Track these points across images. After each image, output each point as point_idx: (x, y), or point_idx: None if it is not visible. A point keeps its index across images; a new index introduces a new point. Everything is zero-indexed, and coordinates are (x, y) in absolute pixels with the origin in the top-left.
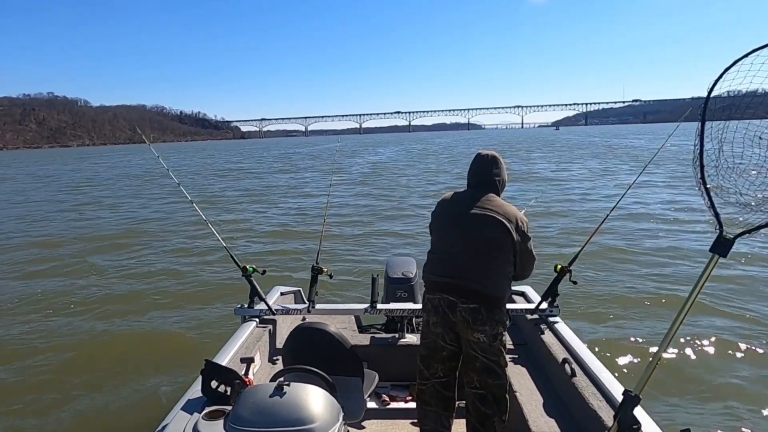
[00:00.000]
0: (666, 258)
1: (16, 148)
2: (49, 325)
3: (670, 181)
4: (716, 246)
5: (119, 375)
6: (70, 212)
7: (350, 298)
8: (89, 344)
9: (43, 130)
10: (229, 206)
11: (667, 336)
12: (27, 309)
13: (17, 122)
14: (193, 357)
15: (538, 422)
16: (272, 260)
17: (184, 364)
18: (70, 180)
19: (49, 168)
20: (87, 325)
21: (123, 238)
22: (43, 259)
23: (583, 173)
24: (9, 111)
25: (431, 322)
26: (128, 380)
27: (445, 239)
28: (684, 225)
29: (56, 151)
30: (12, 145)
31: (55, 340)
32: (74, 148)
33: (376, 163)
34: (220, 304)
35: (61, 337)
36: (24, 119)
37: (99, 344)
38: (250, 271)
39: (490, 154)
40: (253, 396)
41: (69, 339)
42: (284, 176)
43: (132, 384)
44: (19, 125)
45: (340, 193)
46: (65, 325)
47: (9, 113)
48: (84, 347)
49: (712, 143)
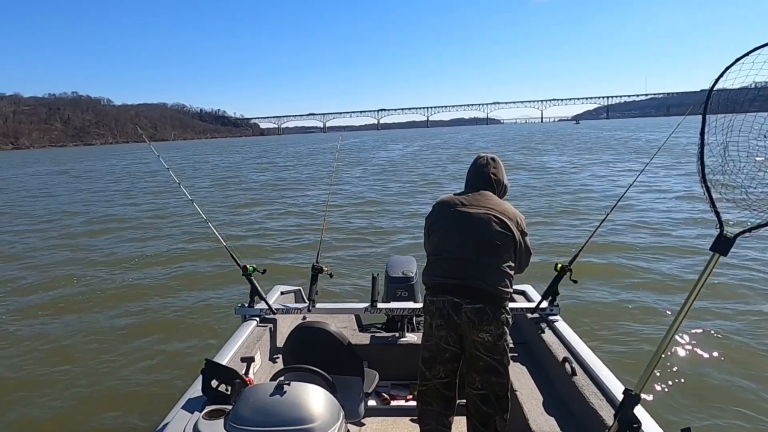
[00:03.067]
0: (668, 256)
1: (42, 147)
2: (48, 324)
3: (678, 177)
4: (717, 244)
5: (119, 374)
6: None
7: (350, 297)
8: (88, 342)
9: (68, 129)
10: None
11: (667, 335)
12: (27, 309)
13: (43, 121)
14: (194, 356)
15: (538, 421)
16: (272, 259)
17: (184, 364)
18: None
19: (89, 164)
20: (86, 323)
21: (123, 236)
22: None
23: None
24: (35, 111)
25: (434, 324)
26: (128, 379)
27: (446, 240)
28: (687, 222)
29: (81, 149)
30: (38, 144)
31: (53, 338)
32: (98, 146)
33: (389, 160)
34: (221, 304)
35: (60, 335)
36: (49, 118)
37: (98, 343)
38: (251, 271)
39: (489, 155)
40: (253, 395)
41: (67, 337)
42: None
43: (132, 383)
44: (44, 124)
45: (340, 193)
46: (64, 322)
47: (35, 113)
48: (83, 345)
49: (717, 140)
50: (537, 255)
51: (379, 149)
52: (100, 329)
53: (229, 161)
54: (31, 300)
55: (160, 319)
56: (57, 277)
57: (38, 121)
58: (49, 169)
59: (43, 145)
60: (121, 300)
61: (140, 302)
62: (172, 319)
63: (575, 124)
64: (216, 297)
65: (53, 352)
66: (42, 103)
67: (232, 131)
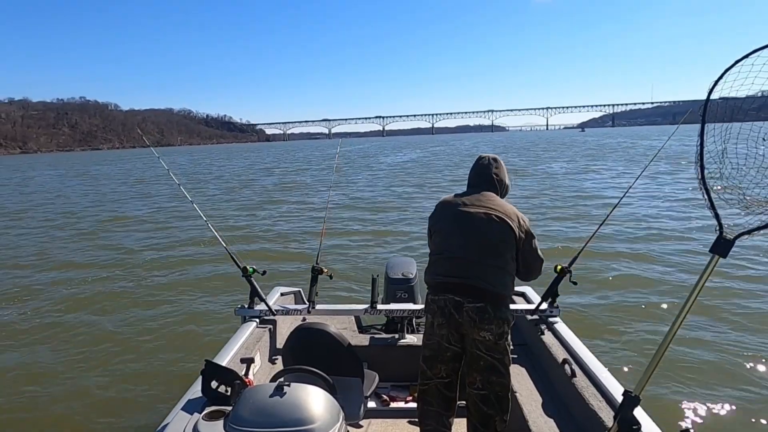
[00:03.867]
0: (667, 258)
1: (50, 151)
2: (48, 323)
3: (677, 180)
4: (716, 246)
5: (119, 374)
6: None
7: (350, 298)
8: (88, 343)
9: (76, 134)
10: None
11: (667, 336)
12: (24, 305)
13: (51, 126)
14: (193, 357)
15: (538, 423)
16: (272, 261)
17: (184, 365)
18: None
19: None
20: (86, 323)
21: (123, 235)
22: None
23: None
24: (43, 115)
25: (436, 323)
26: (128, 380)
27: (449, 240)
28: (686, 224)
29: (89, 154)
30: (46, 148)
31: (52, 338)
32: (105, 151)
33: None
34: (221, 305)
35: (60, 334)
36: (57, 123)
37: (97, 343)
38: (251, 272)
39: (490, 155)
40: (253, 396)
41: (66, 337)
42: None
43: (132, 384)
44: (52, 129)
45: (341, 195)
46: (63, 322)
47: (43, 117)
48: (83, 346)
49: (716, 144)
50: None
51: (380, 155)
52: (99, 329)
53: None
54: (31, 299)
55: (160, 319)
56: (57, 279)
57: (46, 126)
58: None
59: (51, 149)
60: (120, 300)
61: (140, 302)
62: (172, 319)
63: (580, 131)
64: (216, 298)
65: (53, 351)
66: (50, 107)
67: (238, 137)
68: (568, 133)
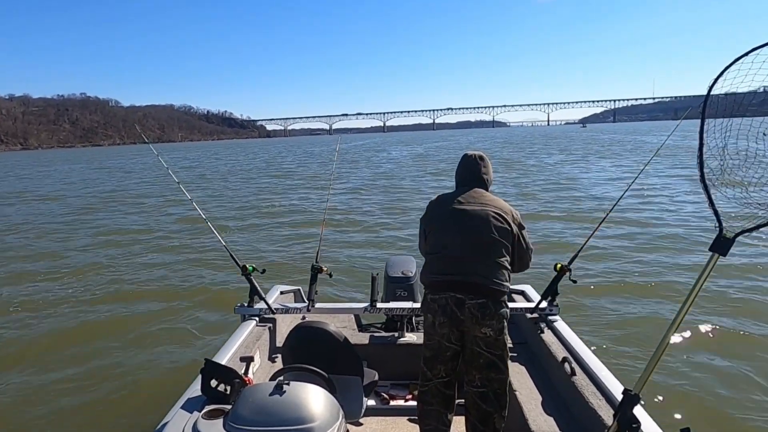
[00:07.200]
0: (667, 256)
1: (51, 147)
2: (47, 324)
3: (678, 177)
4: (716, 245)
5: (118, 373)
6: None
7: (350, 297)
8: (87, 342)
9: (76, 130)
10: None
11: (666, 335)
12: (23, 304)
13: (52, 122)
14: (193, 356)
15: (537, 421)
16: (272, 259)
17: (183, 363)
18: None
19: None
20: (85, 322)
21: (122, 235)
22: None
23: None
24: (44, 112)
25: (438, 322)
26: (127, 378)
27: (445, 238)
28: (686, 222)
29: (90, 150)
30: (47, 144)
31: (50, 337)
32: (106, 147)
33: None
34: (220, 303)
35: (59, 334)
36: (58, 119)
37: (96, 342)
38: (250, 270)
39: (477, 153)
40: (252, 395)
41: (65, 336)
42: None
43: (131, 382)
44: (53, 125)
45: (340, 194)
46: (62, 321)
47: (44, 114)
48: (82, 345)
49: (716, 141)
50: (536, 255)
51: (382, 151)
52: (98, 328)
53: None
54: (30, 299)
55: (160, 317)
56: (57, 276)
57: (47, 122)
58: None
59: (52, 146)
60: (119, 298)
61: (139, 301)
62: (172, 318)
63: (582, 127)
64: (215, 296)
65: (52, 351)
66: (51, 104)
67: (239, 133)
68: (570, 128)
